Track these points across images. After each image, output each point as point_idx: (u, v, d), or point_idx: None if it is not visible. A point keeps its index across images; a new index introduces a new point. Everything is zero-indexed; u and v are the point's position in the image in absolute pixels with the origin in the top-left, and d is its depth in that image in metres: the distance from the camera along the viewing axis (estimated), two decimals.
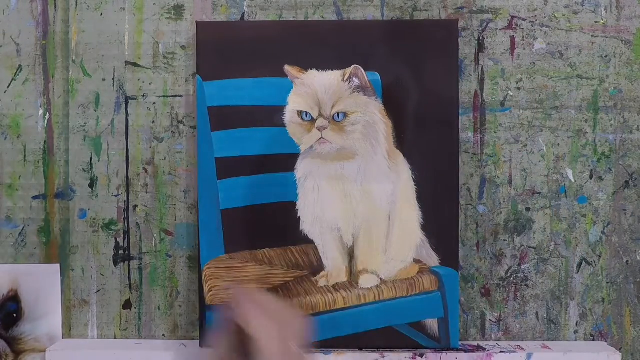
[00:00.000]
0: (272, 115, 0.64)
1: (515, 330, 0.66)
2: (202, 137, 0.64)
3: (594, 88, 0.65)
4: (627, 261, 0.66)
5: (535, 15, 0.65)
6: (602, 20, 0.65)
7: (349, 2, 0.66)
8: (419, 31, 0.63)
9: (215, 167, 0.64)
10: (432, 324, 0.64)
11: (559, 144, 0.66)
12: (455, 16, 0.65)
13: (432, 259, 0.63)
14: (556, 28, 0.65)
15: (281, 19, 0.66)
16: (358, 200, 0.63)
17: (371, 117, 0.63)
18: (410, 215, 0.63)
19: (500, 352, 0.63)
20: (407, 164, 0.63)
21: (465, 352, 0.63)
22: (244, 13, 0.66)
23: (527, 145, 0.66)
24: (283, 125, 0.63)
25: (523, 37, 0.65)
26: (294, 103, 0.63)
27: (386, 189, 0.63)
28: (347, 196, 0.63)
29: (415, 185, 0.63)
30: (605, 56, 0.65)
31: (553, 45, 0.65)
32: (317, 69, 0.63)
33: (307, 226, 0.64)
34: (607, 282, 0.66)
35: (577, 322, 0.66)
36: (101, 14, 0.67)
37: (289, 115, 0.63)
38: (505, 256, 0.66)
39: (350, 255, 0.64)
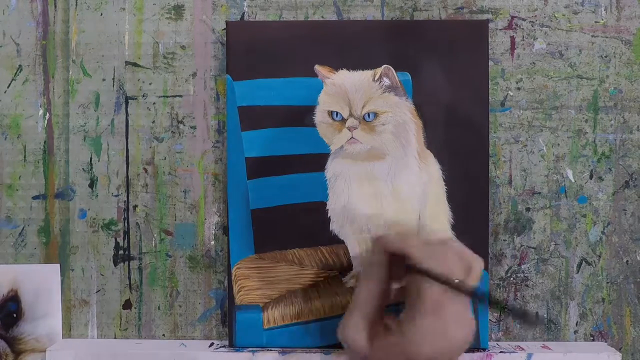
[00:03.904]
0: (302, 115, 0.64)
1: (515, 330, 0.66)
2: (232, 137, 0.64)
3: (594, 88, 0.65)
4: (627, 261, 0.66)
5: (535, 15, 0.65)
6: (602, 20, 0.65)
7: (348, 2, 0.66)
8: (449, 31, 0.63)
9: (245, 167, 0.64)
10: None
11: (559, 144, 0.66)
12: (455, 16, 0.65)
13: None
14: (556, 28, 0.65)
15: (281, 19, 0.66)
16: (388, 200, 0.63)
17: (402, 117, 0.63)
18: (441, 215, 0.63)
19: (500, 352, 0.63)
20: (437, 164, 0.63)
21: (465, 351, 0.63)
22: (244, 13, 0.66)
23: (527, 145, 0.66)
24: (313, 125, 0.64)
25: (523, 37, 0.65)
26: (325, 103, 0.63)
27: (416, 188, 0.63)
28: (378, 196, 0.63)
29: (446, 185, 0.63)
30: (605, 56, 0.65)
31: (553, 45, 0.65)
32: (348, 69, 0.63)
33: (337, 226, 0.64)
34: (607, 282, 0.66)
35: (577, 322, 0.66)
36: (101, 14, 0.67)
37: (320, 115, 0.63)
38: (505, 256, 0.66)
39: None
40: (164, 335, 0.67)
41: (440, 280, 0.47)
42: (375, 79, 0.62)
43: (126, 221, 0.67)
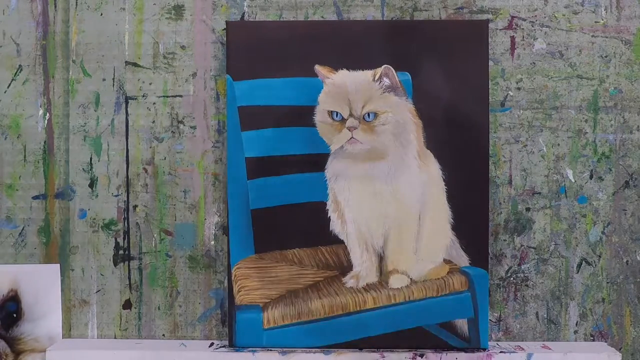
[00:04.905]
0: (302, 115, 0.64)
1: (515, 330, 0.66)
2: (232, 137, 0.64)
3: (594, 88, 0.65)
4: (627, 261, 0.66)
5: (535, 15, 0.65)
6: (602, 20, 0.65)
7: (348, 2, 0.66)
8: (449, 31, 0.63)
9: (245, 167, 0.64)
10: (462, 324, 0.64)
11: (559, 144, 0.66)
12: (455, 16, 0.65)
13: (462, 259, 0.63)
14: (556, 28, 0.65)
15: (281, 19, 0.66)
16: (388, 200, 0.63)
17: (402, 117, 0.63)
18: (441, 215, 0.63)
19: (501, 352, 0.63)
20: (437, 164, 0.63)
21: (465, 352, 0.63)
22: (244, 13, 0.66)
23: (527, 145, 0.66)
24: (313, 125, 0.64)
25: (523, 37, 0.65)
26: (325, 103, 0.63)
27: (416, 189, 0.63)
28: (377, 196, 0.63)
29: (446, 185, 0.63)
30: (605, 56, 0.65)
31: (553, 45, 0.65)
32: (348, 69, 0.63)
33: (337, 226, 0.64)
34: (607, 282, 0.66)
35: (577, 322, 0.66)
36: (101, 14, 0.67)
37: (320, 115, 0.63)
38: (505, 256, 0.66)
39: (380, 255, 0.64)
40: (164, 335, 0.67)
41: None
42: (375, 79, 0.62)
43: (126, 221, 0.67)
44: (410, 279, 0.64)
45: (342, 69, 0.63)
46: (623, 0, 0.65)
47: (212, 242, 0.67)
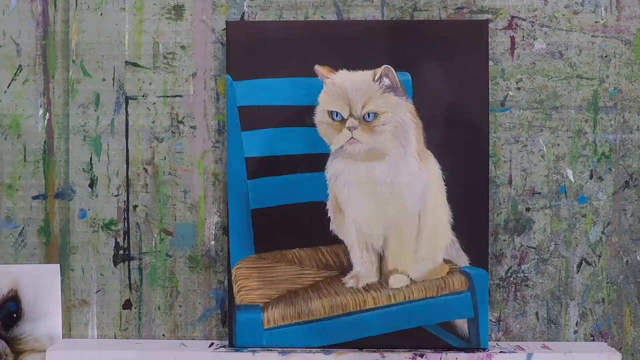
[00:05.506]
0: (302, 115, 0.64)
1: (515, 330, 0.66)
2: (232, 137, 0.64)
3: (594, 88, 0.65)
4: (627, 261, 0.66)
5: (535, 15, 0.65)
6: (602, 20, 0.65)
7: (348, 2, 0.66)
8: (449, 31, 0.63)
9: (245, 167, 0.64)
10: (462, 324, 0.64)
11: (559, 144, 0.66)
12: (455, 16, 0.65)
13: (462, 259, 0.63)
14: (556, 28, 0.65)
15: (281, 19, 0.66)
16: (388, 200, 0.63)
17: (401, 117, 0.63)
18: (441, 215, 0.63)
19: (500, 352, 0.63)
20: (437, 164, 0.63)
21: (465, 352, 0.63)
22: (244, 13, 0.66)
23: (527, 145, 0.66)
24: (313, 125, 0.64)
25: (523, 37, 0.65)
26: (325, 103, 0.63)
27: (416, 189, 0.63)
28: (377, 196, 0.63)
29: (446, 185, 0.63)
30: (605, 56, 0.65)
31: (553, 45, 0.65)
32: (348, 69, 0.63)
33: (337, 226, 0.64)
34: (607, 282, 0.66)
35: (577, 322, 0.66)
36: (101, 14, 0.67)
37: (320, 115, 0.63)
38: (505, 256, 0.66)
39: (380, 255, 0.64)
40: (164, 335, 0.67)
41: None
42: (375, 79, 0.62)
43: (126, 221, 0.67)
44: (410, 279, 0.64)
45: (342, 69, 0.63)
46: (623, 0, 0.65)
47: (212, 242, 0.67)
